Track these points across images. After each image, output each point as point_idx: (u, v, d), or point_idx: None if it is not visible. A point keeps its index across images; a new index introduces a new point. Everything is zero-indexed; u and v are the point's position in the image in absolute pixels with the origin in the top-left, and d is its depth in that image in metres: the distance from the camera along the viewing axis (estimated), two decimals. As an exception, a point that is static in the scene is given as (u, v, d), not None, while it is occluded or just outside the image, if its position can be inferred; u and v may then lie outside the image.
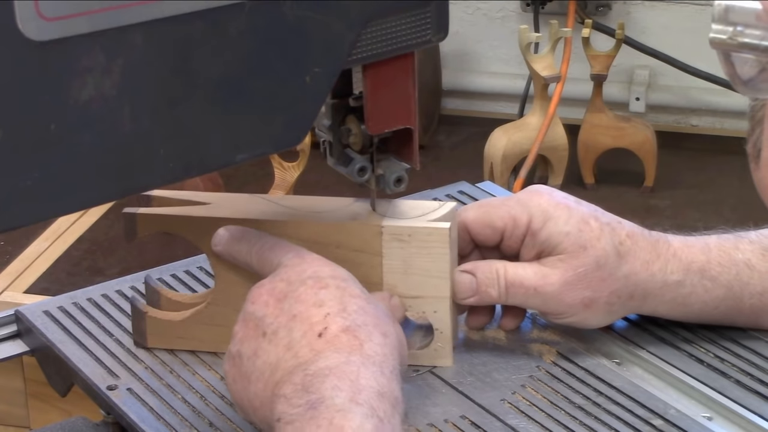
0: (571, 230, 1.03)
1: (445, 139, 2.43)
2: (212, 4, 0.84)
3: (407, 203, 1.04)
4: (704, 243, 1.07)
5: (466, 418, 0.99)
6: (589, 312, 1.04)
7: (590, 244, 1.03)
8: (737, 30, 0.72)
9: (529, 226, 1.04)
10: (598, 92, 2.17)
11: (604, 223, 1.04)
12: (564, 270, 1.03)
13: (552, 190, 1.07)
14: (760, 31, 0.71)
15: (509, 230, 1.04)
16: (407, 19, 0.93)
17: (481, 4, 2.49)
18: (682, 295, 1.06)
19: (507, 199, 1.06)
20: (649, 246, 1.05)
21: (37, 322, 1.11)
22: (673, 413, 0.99)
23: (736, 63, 0.73)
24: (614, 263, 1.03)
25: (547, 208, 1.04)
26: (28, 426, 1.89)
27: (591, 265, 1.03)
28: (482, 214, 1.05)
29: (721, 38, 0.72)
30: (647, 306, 1.06)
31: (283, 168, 1.88)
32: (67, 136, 0.81)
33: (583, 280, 1.03)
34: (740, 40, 0.71)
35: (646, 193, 2.20)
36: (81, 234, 2.07)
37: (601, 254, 1.03)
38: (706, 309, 1.07)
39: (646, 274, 1.04)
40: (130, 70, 0.82)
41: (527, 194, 1.06)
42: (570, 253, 1.03)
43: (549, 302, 1.04)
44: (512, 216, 1.04)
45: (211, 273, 1.19)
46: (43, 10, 0.77)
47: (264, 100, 0.89)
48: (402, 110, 0.98)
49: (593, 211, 1.05)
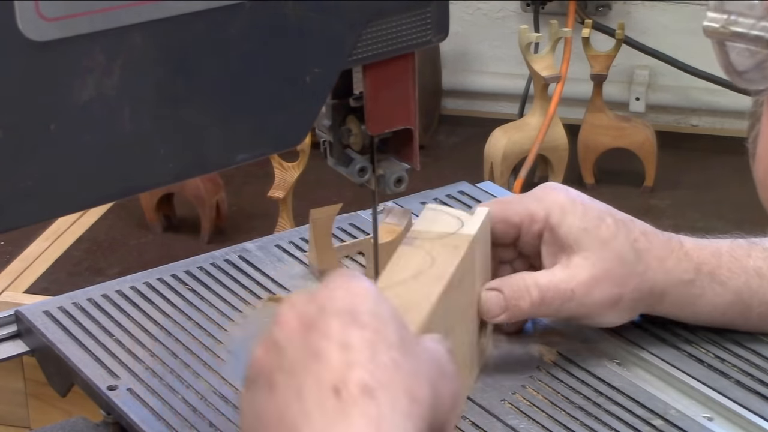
0: (589, 226, 1.03)
1: (445, 139, 2.43)
2: (212, 4, 0.84)
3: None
4: (716, 247, 1.06)
5: (466, 418, 0.99)
6: (615, 311, 1.04)
7: (608, 240, 1.03)
8: (731, 19, 0.71)
9: (547, 221, 1.03)
10: (598, 92, 2.17)
11: (619, 221, 1.04)
12: (591, 266, 1.02)
13: (567, 188, 1.07)
14: (753, 20, 0.70)
15: (526, 226, 1.04)
16: (407, 20, 0.93)
17: (481, 4, 2.49)
18: (693, 296, 1.06)
19: (523, 196, 1.06)
20: (662, 244, 1.05)
21: (37, 322, 1.11)
22: (674, 413, 0.99)
23: (730, 53, 0.73)
24: (633, 260, 1.03)
25: (564, 204, 1.04)
26: (28, 426, 1.89)
27: (615, 261, 1.03)
28: (499, 210, 1.05)
29: (714, 27, 0.72)
30: (660, 305, 1.06)
31: (283, 168, 1.88)
32: (67, 136, 0.81)
33: (610, 275, 1.03)
34: (733, 29, 0.71)
35: (646, 193, 2.20)
36: (81, 234, 2.07)
37: (621, 250, 1.03)
38: (714, 313, 1.07)
39: (662, 271, 1.04)
40: (130, 70, 0.82)
41: (542, 191, 1.06)
42: (593, 250, 1.02)
43: (583, 305, 1.03)
44: (529, 211, 1.04)
45: (211, 273, 1.19)
46: (43, 11, 0.77)
47: (264, 100, 0.89)
48: (402, 110, 0.98)
49: (607, 208, 1.06)
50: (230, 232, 2.01)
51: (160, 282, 1.17)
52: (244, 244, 1.24)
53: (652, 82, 2.44)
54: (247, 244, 1.23)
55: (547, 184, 1.08)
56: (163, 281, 1.17)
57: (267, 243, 1.24)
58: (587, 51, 2.16)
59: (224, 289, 1.16)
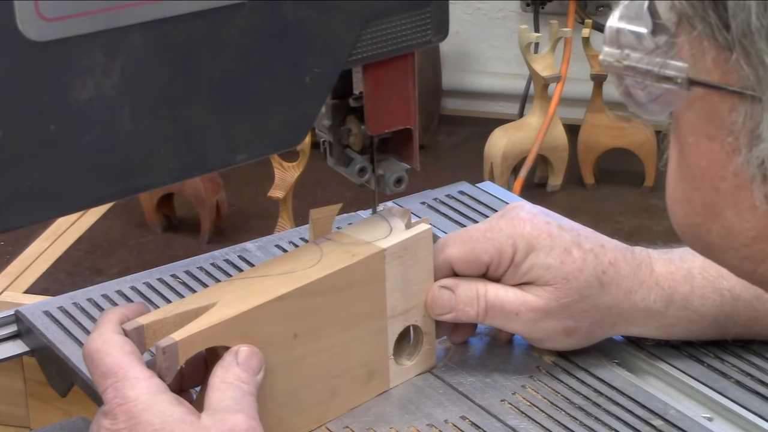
0: (553, 263, 1.02)
1: (445, 139, 2.42)
2: (212, 4, 0.84)
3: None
4: (687, 270, 1.05)
5: (466, 419, 0.99)
6: (570, 339, 1.04)
7: (573, 276, 1.02)
8: (624, 53, 0.72)
9: (513, 259, 1.02)
10: (598, 92, 2.17)
11: (587, 251, 1.03)
12: (547, 300, 1.02)
13: (533, 215, 1.04)
14: (642, 55, 0.71)
15: (494, 264, 1.03)
16: (407, 20, 0.93)
17: (481, 4, 2.49)
18: (665, 326, 1.05)
19: (488, 230, 1.03)
20: (632, 273, 1.04)
21: (37, 322, 1.11)
22: (673, 414, 0.99)
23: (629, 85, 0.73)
24: (597, 294, 1.02)
25: (530, 239, 1.02)
26: (28, 426, 1.89)
27: (574, 297, 1.02)
28: (467, 250, 1.03)
29: (608, 60, 0.72)
30: (631, 332, 1.06)
31: (283, 168, 1.87)
32: (67, 136, 0.81)
33: (565, 310, 1.02)
34: (626, 63, 0.71)
35: (646, 193, 2.19)
36: (81, 234, 2.06)
37: (584, 286, 1.02)
38: (690, 336, 1.07)
39: (629, 304, 1.03)
40: (130, 70, 0.82)
41: (509, 222, 1.03)
42: (554, 285, 1.02)
43: (528, 328, 1.04)
44: (498, 250, 1.02)
45: (211, 273, 1.19)
46: (43, 11, 0.77)
47: (264, 100, 0.89)
48: (402, 110, 0.98)
49: (575, 237, 1.03)
50: (230, 232, 2.01)
51: (160, 282, 1.17)
52: (244, 244, 1.24)
53: (652, 82, 2.44)
54: (247, 244, 1.23)
55: (514, 208, 1.05)
56: (163, 281, 1.17)
57: (267, 243, 1.24)
58: (587, 51, 2.16)
59: (224, 289, 1.16)
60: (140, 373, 0.87)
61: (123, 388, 0.86)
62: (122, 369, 0.87)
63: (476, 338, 1.09)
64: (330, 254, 0.99)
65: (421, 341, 1.04)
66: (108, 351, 0.88)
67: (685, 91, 0.69)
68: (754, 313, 1.05)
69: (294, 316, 0.95)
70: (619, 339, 1.09)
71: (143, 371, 0.87)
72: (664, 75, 0.70)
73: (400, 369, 1.04)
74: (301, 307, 0.95)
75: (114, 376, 0.87)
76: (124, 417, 0.85)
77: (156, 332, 0.89)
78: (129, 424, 0.85)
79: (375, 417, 1.00)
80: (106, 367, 0.87)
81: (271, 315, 0.94)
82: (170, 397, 0.87)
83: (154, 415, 0.85)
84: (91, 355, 0.88)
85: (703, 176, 0.71)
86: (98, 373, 0.87)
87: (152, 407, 0.85)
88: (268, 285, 0.95)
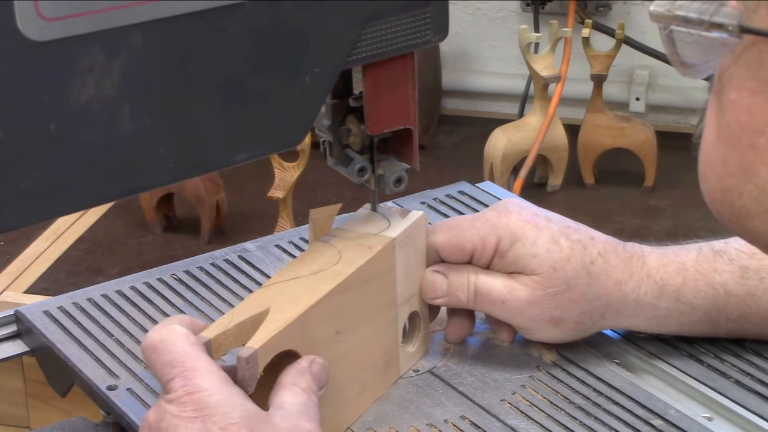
0: (539, 251, 1.02)
1: (445, 139, 2.43)
2: (212, 4, 0.84)
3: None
4: (680, 262, 1.05)
5: (466, 418, 0.99)
6: (558, 330, 1.04)
7: (560, 265, 1.02)
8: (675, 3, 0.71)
9: (497, 247, 1.03)
10: (598, 92, 2.17)
11: (575, 241, 1.03)
12: (533, 289, 1.02)
13: (522, 208, 1.05)
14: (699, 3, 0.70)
15: (478, 252, 1.03)
16: (407, 20, 0.93)
17: (481, 4, 2.49)
18: (657, 317, 1.05)
19: (475, 220, 1.04)
20: (622, 264, 1.04)
21: (37, 322, 1.11)
22: (673, 413, 0.99)
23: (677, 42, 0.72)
24: (585, 284, 1.02)
25: (514, 229, 1.03)
26: (28, 426, 1.89)
27: (561, 286, 1.02)
28: (452, 237, 1.04)
29: (659, 11, 0.71)
30: (622, 324, 1.06)
31: (283, 168, 1.88)
32: (67, 136, 0.81)
33: (552, 300, 1.02)
34: (678, 12, 0.71)
35: (646, 193, 2.19)
36: (81, 234, 2.07)
37: (572, 275, 1.02)
38: (682, 330, 1.06)
39: (619, 295, 1.03)
40: (130, 70, 0.82)
41: (496, 213, 1.04)
42: (539, 274, 1.02)
43: (515, 316, 1.04)
44: (481, 238, 1.03)
45: (211, 273, 1.19)
46: (43, 10, 0.77)
47: (264, 100, 0.89)
48: (402, 110, 0.98)
49: (564, 228, 1.04)
50: (230, 232, 2.01)
51: (160, 282, 1.17)
52: (243, 244, 1.24)
53: (652, 82, 2.44)
54: (247, 244, 1.23)
55: (503, 204, 1.06)
56: (163, 281, 1.17)
57: (267, 243, 1.24)
58: (587, 51, 2.16)
59: (224, 289, 1.16)
60: (209, 364, 0.86)
61: (193, 377, 0.85)
62: (190, 359, 0.85)
63: (476, 338, 1.09)
64: (347, 250, 0.99)
65: (418, 326, 1.06)
66: (174, 341, 0.86)
67: (735, 39, 0.68)
68: (746, 309, 1.05)
69: (336, 314, 0.95)
70: (618, 338, 1.09)
71: (211, 363, 0.86)
72: (715, 22, 0.69)
73: (406, 355, 1.04)
74: (340, 303, 0.96)
75: (182, 365, 0.85)
76: (194, 405, 0.84)
77: (220, 345, 0.89)
78: (201, 413, 0.84)
79: (375, 417, 1.00)
80: (172, 356, 0.86)
81: (320, 314, 0.93)
82: (240, 391, 0.86)
83: (232, 408, 0.84)
84: (155, 345, 0.87)
85: (741, 132, 0.70)
86: (163, 362, 0.86)
87: (230, 399, 0.84)
88: (307, 286, 0.94)
